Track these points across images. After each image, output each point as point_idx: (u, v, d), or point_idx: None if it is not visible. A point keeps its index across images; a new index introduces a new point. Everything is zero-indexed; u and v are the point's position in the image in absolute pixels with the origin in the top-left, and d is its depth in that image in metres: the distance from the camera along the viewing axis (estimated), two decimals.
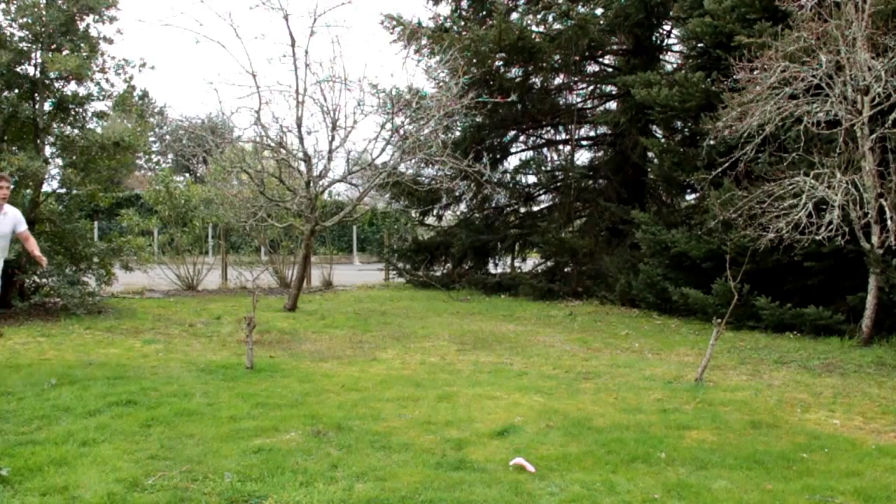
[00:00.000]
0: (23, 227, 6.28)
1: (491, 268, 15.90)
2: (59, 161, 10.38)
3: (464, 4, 14.79)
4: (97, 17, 9.75)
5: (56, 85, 9.77)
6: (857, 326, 8.34)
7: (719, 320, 6.29)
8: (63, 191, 10.43)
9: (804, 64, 7.95)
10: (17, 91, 9.44)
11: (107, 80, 10.14)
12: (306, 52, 10.56)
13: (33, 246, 6.50)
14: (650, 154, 12.76)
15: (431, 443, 4.38)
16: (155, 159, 34.51)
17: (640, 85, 11.14)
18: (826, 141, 8.28)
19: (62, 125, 10.14)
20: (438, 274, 15.54)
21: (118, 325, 8.91)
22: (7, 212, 6.11)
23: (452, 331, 9.22)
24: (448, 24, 14.12)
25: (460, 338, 8.72)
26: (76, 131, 10.10)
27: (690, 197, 12.68)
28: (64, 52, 9.45)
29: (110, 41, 10.02)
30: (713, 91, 9.54)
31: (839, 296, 8.89)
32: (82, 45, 9.65)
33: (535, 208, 15.99)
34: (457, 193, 14.81)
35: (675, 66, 13.59)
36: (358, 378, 6.27)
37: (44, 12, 9.26)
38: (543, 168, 15.86)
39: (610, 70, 14.66)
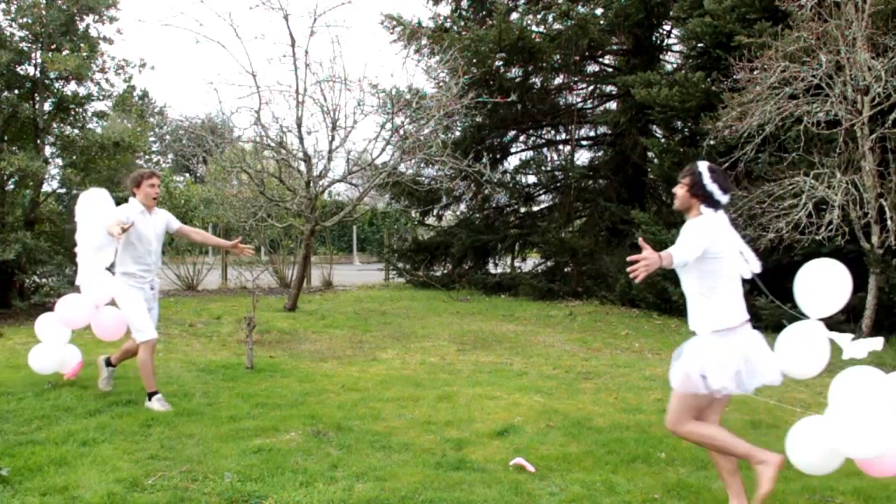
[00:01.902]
0: (177, 223, 5.62)
1: (491, 268, 15.90)
2: (59, 161, 10.39)
3: (464, 4, 14.79)
4: (97, 17, 9.76)
5: (56, 85, 9.78)
6: (857, 326, 8.34)
7: None
8: (63, 191, 10.44)
9: (804, 64, 7.95)
10: (17, 91, 9.44)
11: (107, 80, 10.17)
12: (306, 52, 10.52)
13: (206, 235, 6.10)
14: (650, 154, 12.75)
15: (431, 443, 4.38)
16: (155, 159, 34.49)
17: (640, 85, 11.14)
18: (826, 141, 8.28)
19: (62, 125, 10.15)
20: (438, 274, 15.53)
21: None
22: (157, 212, 5.46)
23: (452, 331, 9.22)
24: (448, 24, 14.12)
25: (460, 338, 8.72)
26: (76, 131, 10.11)
27: None
28: (64, 52, 9.45)
29: (110, 41, 10.04)
30: (713, 91, 9.54)
31: None
32: (82, 45, 9.65)
33: (535, 208, 15.98)
34: (457, 193, 14.80)
35: (675, 66, 13.58)
36: (358, 378, 6.27)
37: (44, 12, 9.27)
38: (543, 168, 15.85)
39: (610, 70, 14.66)
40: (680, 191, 3.55)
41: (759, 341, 3.41)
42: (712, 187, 3.44)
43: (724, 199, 3.47)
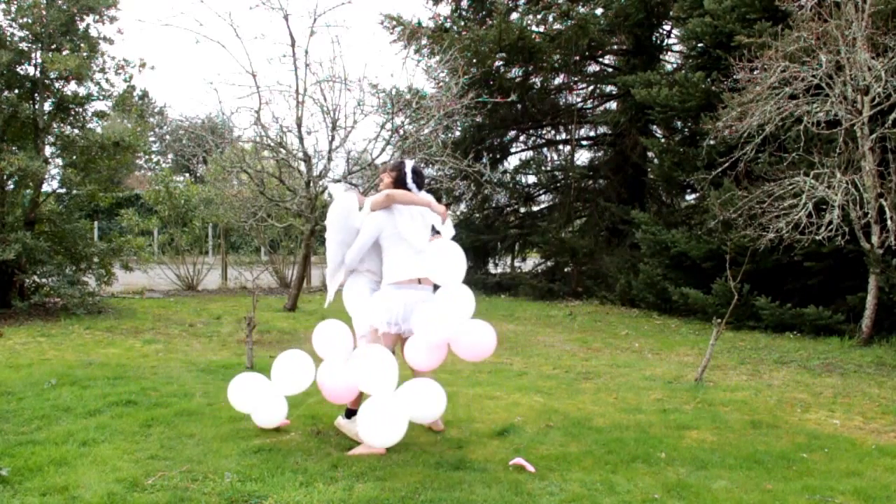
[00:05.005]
0: None
1: (491, 268, 15.90)
2: (59, 161, 10.38)
3: (464, 4, 14.80)
4: (97, 17, 9.74)
5: (56, 85, 9.77)
6: (857, 326, 8.35)
7: (719, 320, 6.29)
8: (63, 191, 10.43)
9: (804, 64, 7.95)
10: (17, 91, 9.43)
11: (107, 80, 10.15)
12: (306, 52, 10.53)
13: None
14: (650, 154, 12.77)
15: (431, 443, 4.38)
16: (155, 159, 34.48)
17: (640, 85, 11.14)
18: (826, 141, 8.28)
19: (62, 125, 10.13)
20: None
21: (118, 325, 8.90)
22: None
23: None
24: (448, 24, 14.12)
25: None
26: (76, 131, 10.10)
27: (690, 197, 12.69)
28: (64, 52, 9.45)
29: (110, 41, 10.01)
30: (713, 91, 9.55)
31: (839, 296, 8.89)
32: (82, 45, 9.64)
33: (535, 208, 15.99)
34: (457, 193, 14.81)
35: (675, 66, 13.59)
36: None
37: (44, 12, 9.25)
38: (543, 168, 15.86)
39: (610, 70, 14.67)
40: (387, 179, 4.43)
41: (426, 298, 4.32)
42: (411, 185, 4.36)
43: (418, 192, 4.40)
